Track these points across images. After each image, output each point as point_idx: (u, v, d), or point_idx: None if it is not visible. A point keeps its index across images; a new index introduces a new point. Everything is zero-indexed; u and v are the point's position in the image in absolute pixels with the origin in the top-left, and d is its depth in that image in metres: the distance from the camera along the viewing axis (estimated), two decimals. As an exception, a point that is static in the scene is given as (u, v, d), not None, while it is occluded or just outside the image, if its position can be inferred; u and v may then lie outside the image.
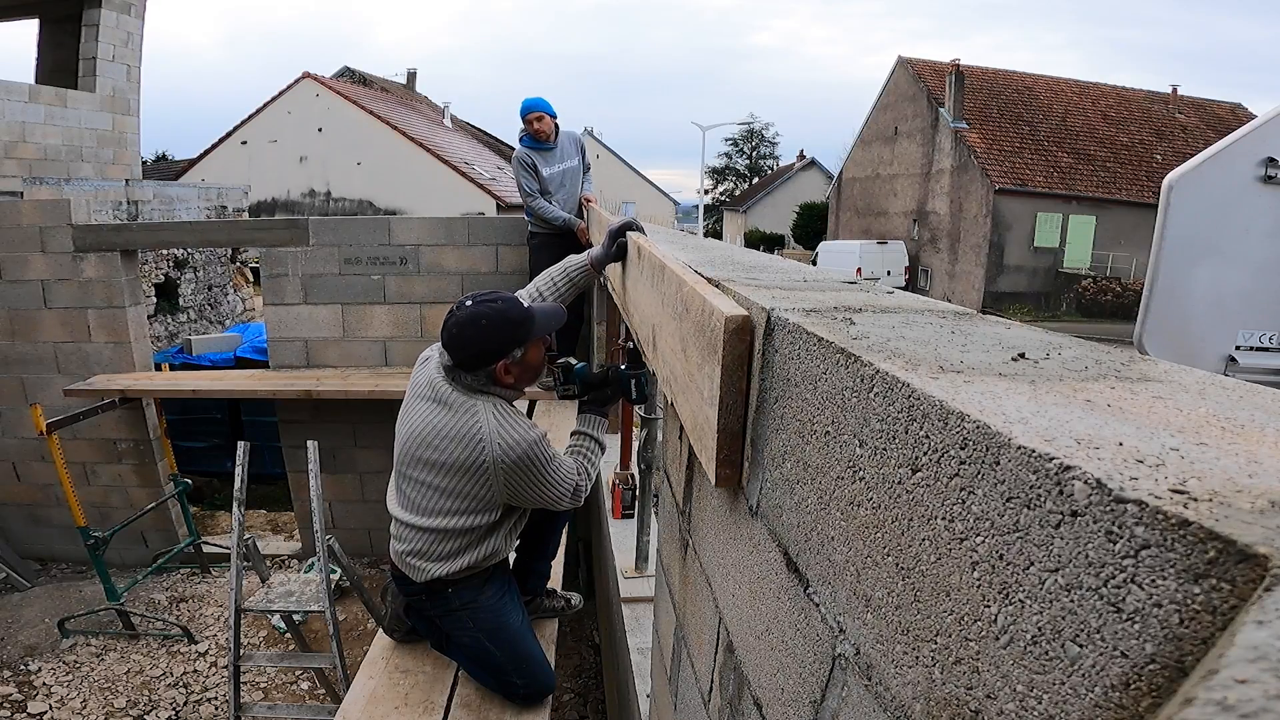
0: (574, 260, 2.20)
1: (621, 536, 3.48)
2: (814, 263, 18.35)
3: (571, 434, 2.17)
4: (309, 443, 3.54)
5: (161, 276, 8.51)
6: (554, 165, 4.51)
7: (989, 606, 0.42)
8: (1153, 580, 0.32)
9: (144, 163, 13.26)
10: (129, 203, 8.89)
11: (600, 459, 2.17)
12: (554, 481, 1.96)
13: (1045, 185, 20.86)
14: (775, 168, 48.53)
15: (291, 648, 4.29)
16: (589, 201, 4.61)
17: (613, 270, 2.15)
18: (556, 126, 4.53)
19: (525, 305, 1.97)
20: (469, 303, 1.94)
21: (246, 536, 3.48)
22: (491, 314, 1.90)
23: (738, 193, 47.70)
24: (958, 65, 22.12)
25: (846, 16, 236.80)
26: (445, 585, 2.06)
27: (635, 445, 3.34)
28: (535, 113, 4.43)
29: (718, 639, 1.06)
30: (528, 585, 2.46)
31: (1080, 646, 0.36)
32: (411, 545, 2.03)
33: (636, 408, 2.71)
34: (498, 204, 19.23)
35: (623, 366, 2.23)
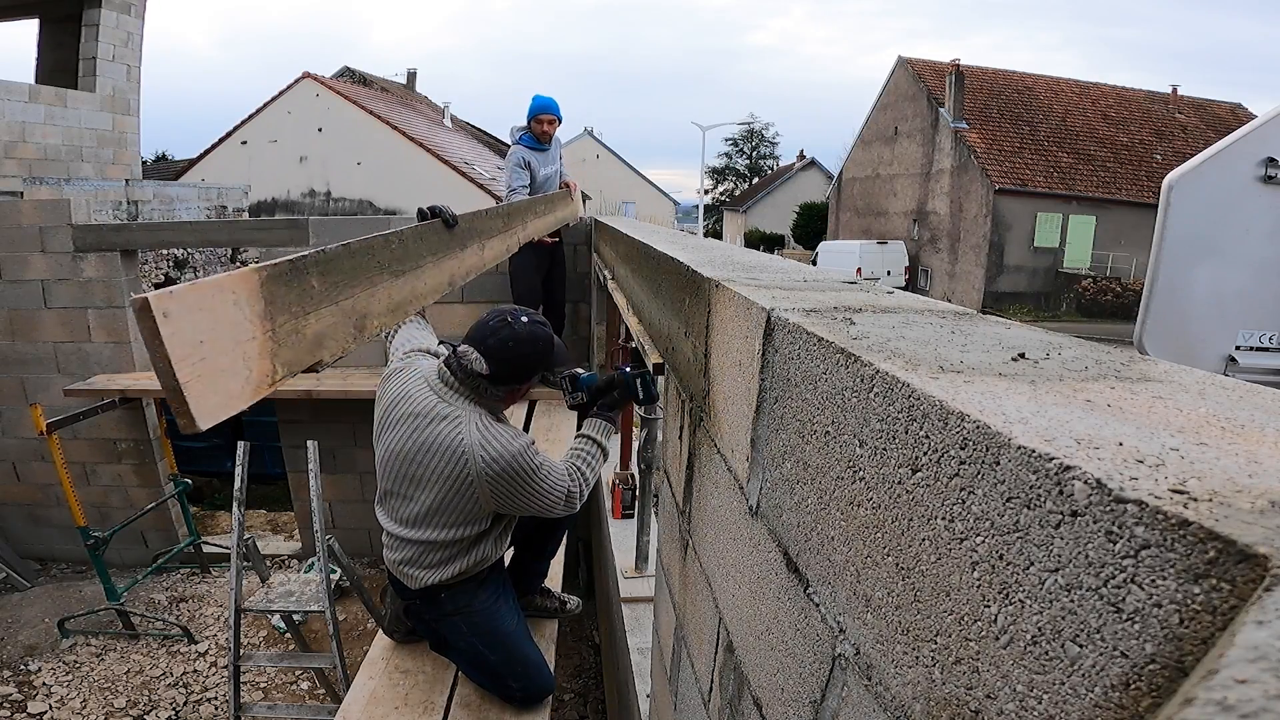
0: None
1: (621, 536, 3.48)
2: (814, 263, 18.35)
3: (575, 437, 2.17)
4: (309, 443, 3.53)
5: (161, 276, 8.51)
6: (547, 167, 4.48)
7: (989, 606, 0.42)
8: (1153, 580, 0.32)
9: (144, 163, 13.27)
10: (129, 203, 8.89)
11: (600, 464, 2.13)
12: (543, 491, 1.92)
13: (1045, 185, 20.86)
14: (775, 168, 48.53)
15: (291, 648, 4.29)
16: (570, 186, 4.63)
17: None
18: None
19: (553, 336, 1.99)
20: (524, 319, 1.93)
21: (246, 536, 3.48)
22: (538, 336, 1.92)
23: (738, 193, 47.69)
24: (958, 65, 22.12)
25: (841, 16, 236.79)
26: (439, 590, 2.05)
27: (635, 445, 3.34)
28: (549, 115, 4.38)
29: (718, 639, 1.06)
30: (524, 585, 2.46)
31: (1080, 646, 0.36)
32: (402, 555, 2.03)
33: (637, 408, 2.71)
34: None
35: (626, 368, 2.22)
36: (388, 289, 2.32)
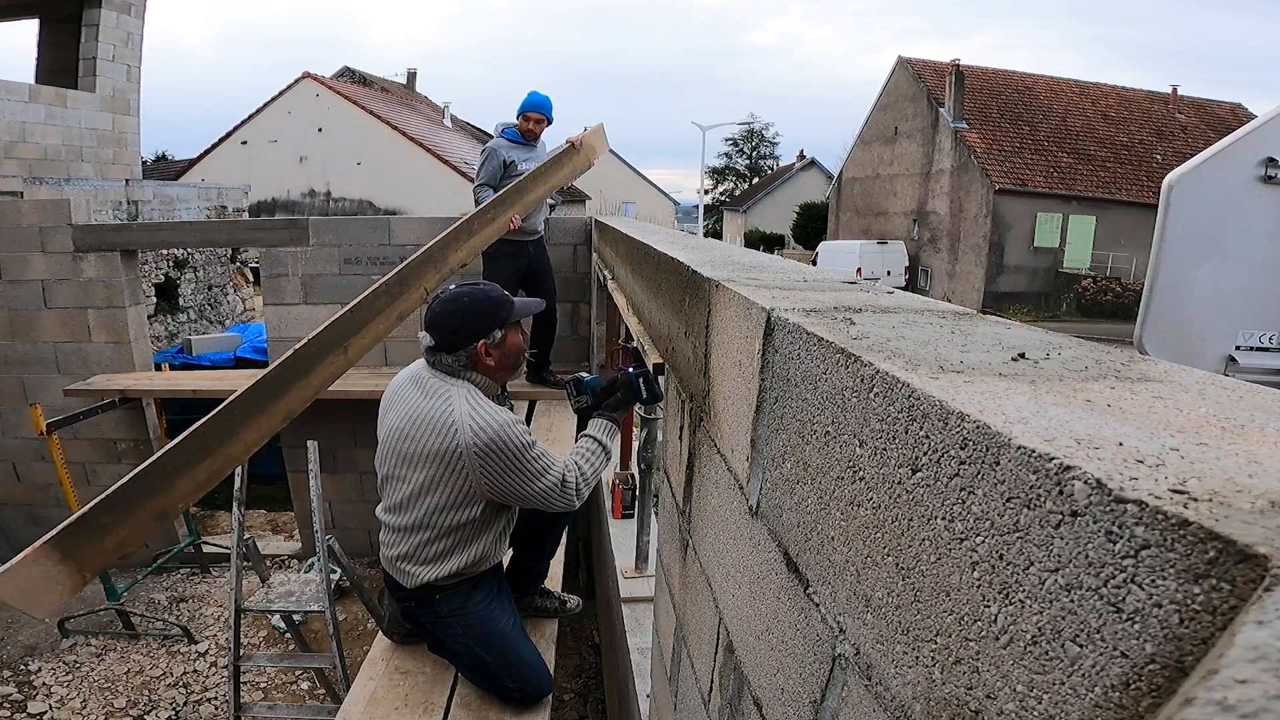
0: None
1: (621, 536, 3.48)
2: (814, 263, 18.36)
3: (578, 437, 2.17)
4: (309, 443, 3.53)
5: (161, 276, 8.51)
6: (528, 164, 4.32)
7: (989, 606, 0.43)
8: (1153, 580, 0.32)
9: (144, 163, 13.27)
10: (129, 203, 8.89)
11: (603, 462, 2.12)
12: (534, 472, 1.91)
13: (1045, 185, 20.85)
14: (775, 168, 48.52)
15: (291, 648, 4.29)
16: (573, 142, 4.42)
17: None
18: (550, 124, 4.40)
19: (504, 292, 2.05)
20: (452, 287, 2.04)
21: (246, 536, 3.48)
22: (474, 294, 2.00)
23: (738, 193, 47.68)
24: (958, 65, 22.12)
25: (838, 15, 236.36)
26: (434, 592, 2.05)
27: (635, 445, 3.34)
28: (538, 114, 4.27)
29: (718, 639, 1.06)
30: (522, 585, 2.46)
31: (1080, 646, 0.36)
32: (399, 549, 2.03)
33: (638, 408, 2.70)
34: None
35: (629, 369, 2.22)
36: (190, 477, 2.88)
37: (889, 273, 21.77)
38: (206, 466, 2.86)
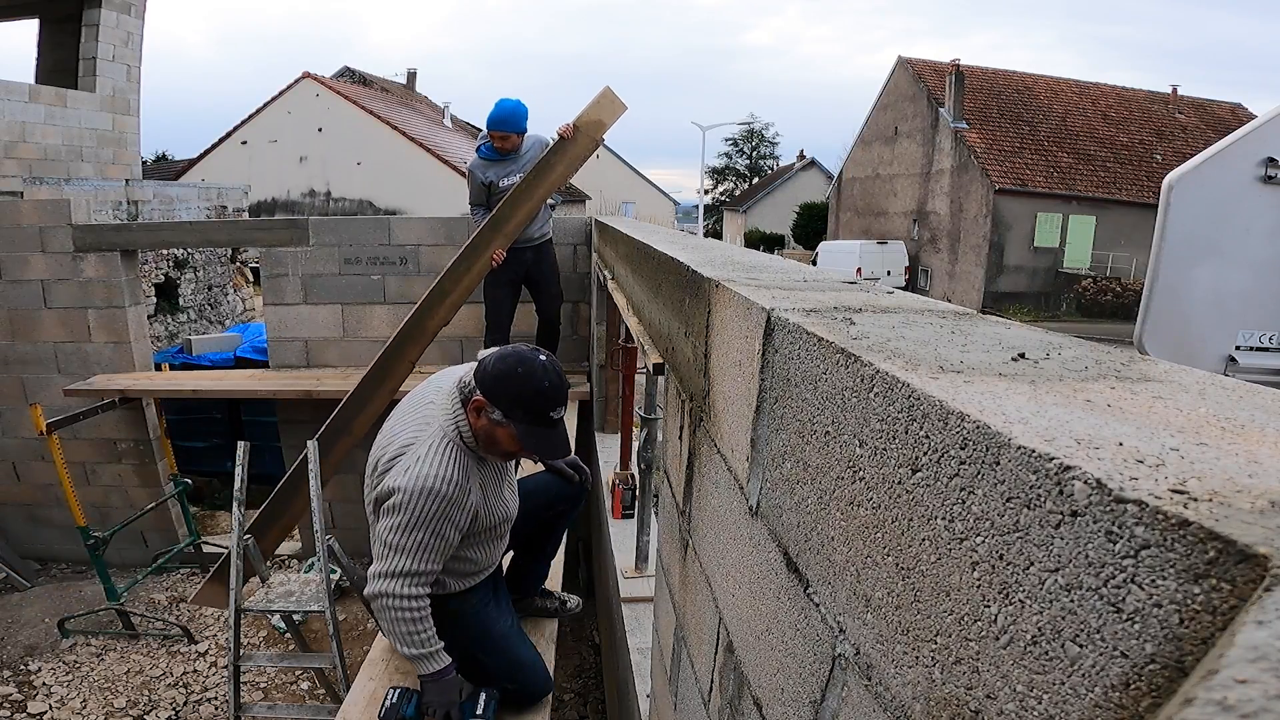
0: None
1: (621, 536, 3.48)
2: (814, 263, 18.36)
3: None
4: (309, 443, 3.53)
5: (161, 276, 8.50)
6: (509, 178, 4.20)
7: (989, 606, 0.43)
8: (1153, 580, 0.32)
9: (144, 163, 13.26)
10: (129, 203, 8.89)
11: (399, 633, 1.84)
12: (397, 546, 1.74)
13: (1045, 185, 20.85)
14: (775, 168, 48.52)
15: (291, 648, 4.28)
16: (563, 133, 4.21)
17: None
18: (524, 134, 4.22)
19: (546, 411, 1.81)
20: (541, 356, 1.82)
21: (246, 536, 3.48)
22: (524, 372, 1.78)
23: (738, 193, 47.69)
24: (958, 65, 22.12)
25: (836, 14, 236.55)
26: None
27: (635, 445, 3.34)
28: (499, 132, 4.11)
29: (718, 639, 1.06)
30: (524, 586, 2.45)
31: (1080, 646, 0.36)
32: None
33: (637, 408, 2.70)
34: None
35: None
36: (279, 527, 4.36)
37: (889, 273, 21.77)
38: (283, 523, 4.41)
